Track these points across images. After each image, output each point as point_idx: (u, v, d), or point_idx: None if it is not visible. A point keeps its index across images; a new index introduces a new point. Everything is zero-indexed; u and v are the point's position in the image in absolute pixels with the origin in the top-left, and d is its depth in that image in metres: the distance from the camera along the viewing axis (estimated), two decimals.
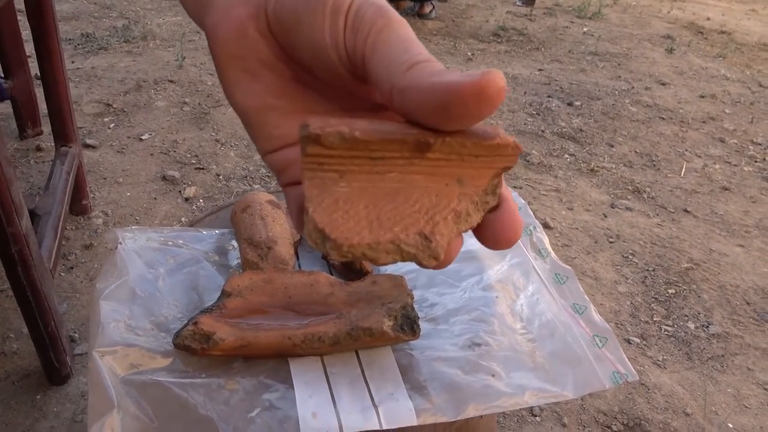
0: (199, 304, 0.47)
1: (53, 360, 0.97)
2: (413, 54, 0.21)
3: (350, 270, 0.51)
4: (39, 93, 1.53)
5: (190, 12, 0.28)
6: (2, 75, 1.51)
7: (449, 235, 0.22)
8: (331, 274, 0.52)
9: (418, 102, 0.20)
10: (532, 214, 0.57)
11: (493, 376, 0.41)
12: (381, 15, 0.22)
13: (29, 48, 1.39)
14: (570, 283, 0.50)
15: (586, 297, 0.49)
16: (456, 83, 0.19)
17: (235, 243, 0.55)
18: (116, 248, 0.49)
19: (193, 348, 0.40)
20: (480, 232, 0.23)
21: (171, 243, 0.52)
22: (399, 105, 0.21)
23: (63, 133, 1.32)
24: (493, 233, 0.23)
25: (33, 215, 1.04)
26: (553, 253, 0.54)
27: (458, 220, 0.22)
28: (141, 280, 0.47)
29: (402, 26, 0.22)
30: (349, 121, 0.21)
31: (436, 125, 0.21)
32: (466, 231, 0.23)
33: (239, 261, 0.52)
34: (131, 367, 0.40)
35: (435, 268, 0.22)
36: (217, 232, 0.56)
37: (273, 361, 0.42)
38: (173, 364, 0.41)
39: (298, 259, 0.55)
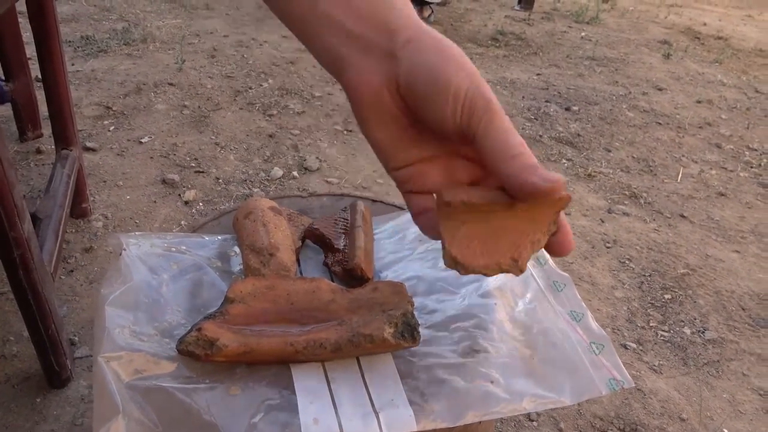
0: (203, 310, 0.48)
1: (53, 363, 0.98)
2: (513, 145, 0.33)
3: (351, 277, 0.52)
4: (39, 95, 1.54)
5: (324, 63, 0.38)
6: (3, 77, 1.51)
7: (528, 256, 0.36)
8: (333, 281, 0.53)
9: (515, 187, 0.33)
10: None
11: (491, 382, 0.42)
12: (489, 107, 0.33)
13: (30, 50, 1.40)
14: (567, 290, 0.51)
15: (584, 304, 0.50)
16: (542, 186, 0.31)
17: (237, 249, 0.56)
18: (121, 254, 0.50)
19: (197, 354, 0.41)
20: (548, 248, 0.37)
21: (174, 249, 0.53)
22: (502, 181, 0.34)
23: (63, 136, 1.33)
24: (558, 249, 0.37)
25: (34, 218, 1.05)
26: (551, 260, 0.54)
27: (534, 246, 0.36)
28: (145, 286, 0.48)
29: (503, 117, 0.33)
30: (467, 190, 0.36)
31: (524, 199, 0.33)
32: (538, 251, 0.37)
33: (241, 267, 0.53)
34: (136, 373, 0.41)
35: (517, 275, 0.37)
36: (219, 238, 0.57)
37: (275, 367, 0.43)
38: (177, 370, 0.41)
39: (299, 265, 0.56)
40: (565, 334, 0.47)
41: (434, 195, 0.39)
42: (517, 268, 0.36)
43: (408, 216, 0.61)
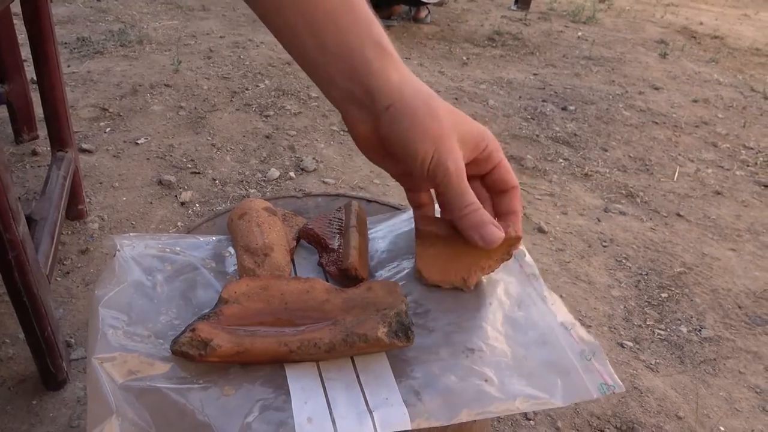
0: (197, 310, 0.48)
1: (49, 365, 0.97)
2: (466, 203, 0.44)
3: (346, 276, 0.52)
4: (35, 97, 1.53)
5: (332, 103, 0.47)
6: None
7: (477, 278, 0.49)
8: (327, 281, 0.52)
9: (467, 236, 0.46)
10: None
11: (485, 381, 0.42)
12: (446, 174, 0.43)
13: (25, 52, 1.40)
14: (557, 305, 0.51)
15: (572, 317, 0.49)
16: (478, 244, 0.46)
17: (231, 250, 0.55)
18: (115, 255, 0.50)
19: (191, 354, 0.41)
20: None
21: (168, 250, 0.53)
22: (458, 229, 0.47)
23: (59, 138, 1.32)
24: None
25: (29, 220, 1.05)
26: (541, 279, 0.54)
27: (484, 270, 0.49)
28: (139, 287, 0.48)
29: (458, 180, 0.44)
30: (438, 223, 0.50)
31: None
32: (488, 273, 0.49)
33: (236, 268, 0.53)
34: (130, 374, 0.41)
35: (467, 291, 0.49)
36: (214, 238, 0.57)
37: (270, 367, 0.43)
38: (171, 371, 0.41)
39: (294, 265, 0.56)
40: (558, 336, 0.47)
41: (430, 191, 0.51)
42: (466, 286, 0.48)
43: (403, 216, 0.61)
